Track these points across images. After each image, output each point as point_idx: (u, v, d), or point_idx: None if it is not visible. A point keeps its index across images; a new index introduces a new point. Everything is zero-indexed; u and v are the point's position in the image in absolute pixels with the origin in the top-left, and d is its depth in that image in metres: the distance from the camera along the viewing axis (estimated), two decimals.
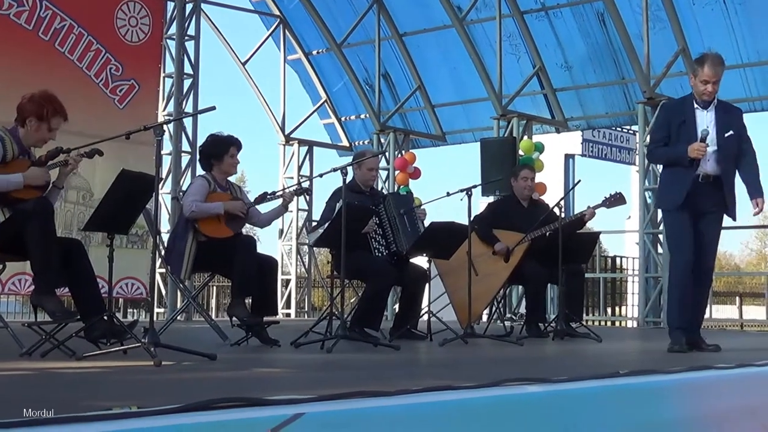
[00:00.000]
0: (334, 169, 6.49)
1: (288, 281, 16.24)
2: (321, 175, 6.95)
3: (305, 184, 15.16)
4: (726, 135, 6.23)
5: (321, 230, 7.10)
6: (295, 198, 7.43)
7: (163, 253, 7.09)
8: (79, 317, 5.24)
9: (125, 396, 3.43)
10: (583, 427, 3.61)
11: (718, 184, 6.26)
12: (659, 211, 10.56)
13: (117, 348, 4.98)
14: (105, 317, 5.20)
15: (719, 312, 25.19)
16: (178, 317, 12.16)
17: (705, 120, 6.26)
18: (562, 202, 8.49)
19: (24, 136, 5.40)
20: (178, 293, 12.22)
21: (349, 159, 10.29)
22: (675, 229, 6.39)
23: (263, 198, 6.92)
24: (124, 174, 5.13)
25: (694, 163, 6.18)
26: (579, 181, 9.30)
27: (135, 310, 18.40)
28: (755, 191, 6.30)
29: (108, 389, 3.69)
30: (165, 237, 7.55)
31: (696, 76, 6.27)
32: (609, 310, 17.27)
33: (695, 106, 6.32)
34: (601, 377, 4.01)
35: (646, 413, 3.95)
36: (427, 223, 7.92)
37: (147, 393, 3.58)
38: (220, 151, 6.88)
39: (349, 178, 7.70)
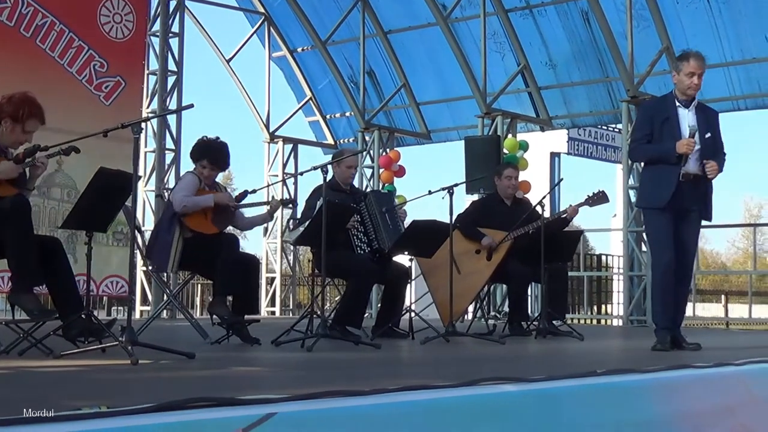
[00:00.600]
0: (314, 168, 6.47)
1: (273, 279, 16.23)
2: (302, 174, 6.95)
3: (289, 182, 15.20)
4: (706, 135, 6.25)
5: (302, 228, 7.09)
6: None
7: (144, 250, 7.06)
8: (56, 315, 5.21)
9: (98, 395, 3.40)
10: (559, 427, 3.61)
11: (698, 183, 6.28)
12: None
13: (94, 347, 4.96)
14: (83, 315, 5.17)
15: (705, 310, 25.26)
16: (163, 315, 12.18)
17: (688, 118, 6.28)
18: (546, 201, 8.49)
19: None
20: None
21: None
22: (656, 229, 6.39)
23: (244, 196, 6.90)
24: (102, 172, 5.10)
25: (682, 161, 6.18)
26: (561, 179, 9.33)
27: (122, 308, 18.34)
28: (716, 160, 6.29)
29: (81, 388, 3.66)
30: (149, 234, 7.50)
31: (680, 71, 6.29)
32: (594, 308, 17.31)
33: (677, 104, 6.33)
34: (578, 376, 4.00)
35: (623, 412, 3.95)
36: (407, 222, 7.91)
37: (120, 392, 3.55)
38: (196, 155, 6.89)
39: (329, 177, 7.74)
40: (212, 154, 6.86)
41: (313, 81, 16.56)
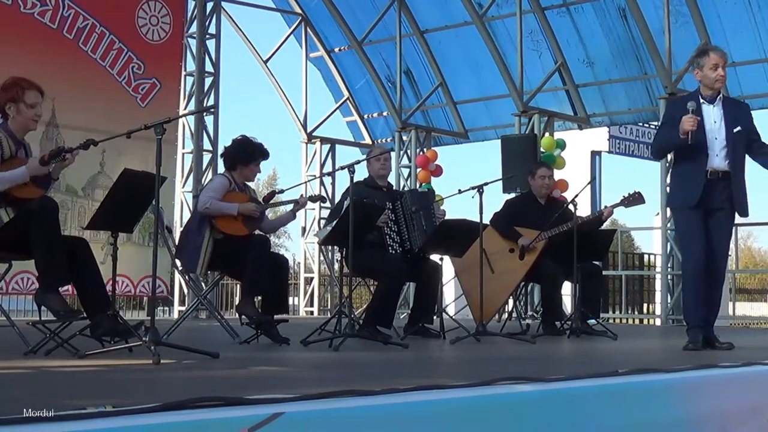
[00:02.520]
0: (341, 168, 6.47)
1: (311, 279, 16.25)
2: (330, 173, 6.94)
3: (326, 180, 15.21)
4: (735, 130, 6.14)
5: (329, 228, 7.09)
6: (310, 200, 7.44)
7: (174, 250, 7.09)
8: (83, 315, 5.25)
9: (110, 394, 3.41)
10: (577, 428, 3.56)
11: (728, 180, 6.16)
12: None
13: (120, 346, 4.99)
14: (109, 315, 5.20)
15: (754, 310, 24.89)
16: (202, 315, 12.26)
17: (712, 115, 6.17)
18: (581, 201, 8.42)
19: (13, 127, 5.40)
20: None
21: None
22: (686, 228, 6.31)
23: (272, 197, 6.92)
24: (126, 173, 5.13)
25: (703, 158, 6.09)
26: (593, 179, 9.26)
27: (163, 308, 18.46)
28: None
29: (95, 387, 3.66)
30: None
31: (703, 66, 6.19)
32: (634, 307, 17.13)
33: (701, 101, 6.24)
34: (598, 376, 3.95)
35: (645, 413, 3.88)
36: None
37: (134, 391, 3.55)
38: (248, 156, 6.89)
39: (363, 176, 7.77)
40: (264, 151, 6.94)
41: (350, 81, 16.56)
